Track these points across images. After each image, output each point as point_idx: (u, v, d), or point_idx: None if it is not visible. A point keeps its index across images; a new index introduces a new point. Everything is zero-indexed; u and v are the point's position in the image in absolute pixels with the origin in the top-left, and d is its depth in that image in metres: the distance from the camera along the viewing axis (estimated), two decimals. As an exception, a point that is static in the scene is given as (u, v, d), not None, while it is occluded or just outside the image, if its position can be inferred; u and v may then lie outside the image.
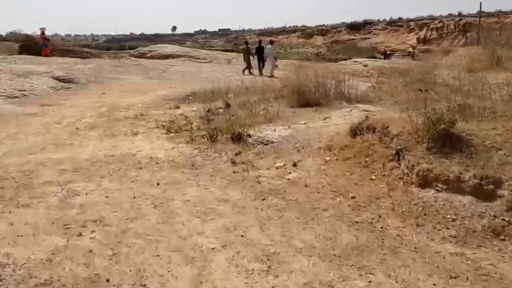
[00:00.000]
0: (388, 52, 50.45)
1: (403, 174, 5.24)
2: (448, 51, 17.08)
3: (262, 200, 5.31)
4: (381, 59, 43.71)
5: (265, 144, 7.26)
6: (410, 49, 49.50)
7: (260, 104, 11.89)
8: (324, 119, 9.09)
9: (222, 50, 46.70)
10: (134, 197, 5.37)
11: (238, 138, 8.03)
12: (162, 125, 9.86)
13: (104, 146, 8.09)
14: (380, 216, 4.75)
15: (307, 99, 11.26)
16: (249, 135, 7.95)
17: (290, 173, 6.12)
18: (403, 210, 4.78)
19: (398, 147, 5.50)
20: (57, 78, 17.78)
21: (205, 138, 8.36)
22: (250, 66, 22.53)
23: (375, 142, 6.00)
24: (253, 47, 23.96)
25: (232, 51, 51.16)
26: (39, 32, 28.41)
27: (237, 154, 7.31)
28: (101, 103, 13.47)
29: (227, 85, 16.77)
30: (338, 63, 40.53)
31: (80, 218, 4.78)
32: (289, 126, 8.16)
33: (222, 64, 25.74)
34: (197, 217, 4.80)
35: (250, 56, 22.78)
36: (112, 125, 10.01)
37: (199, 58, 26.06)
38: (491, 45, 15.77)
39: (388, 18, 78.37)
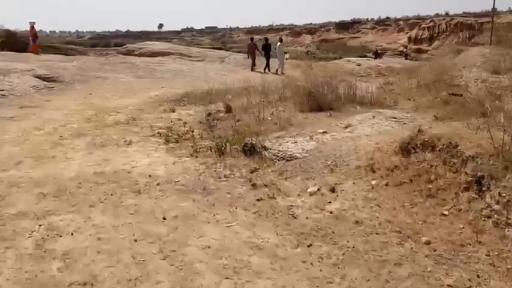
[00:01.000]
0: (379, 51, 49.64)
1: (491, 211, 4.03)
2: (458, 50, 16.00)
3: (308, 246, 4.03)
4: (371, 58, 42.84)
5: (288, 160, 6.02)
6: (401, 48, 48.71)
7: (265, 107, 10.67)
8: (345, 127, 7.89)
9: (211, 48, 45.32)
10: (135, 240, 4.06)
11: (251, 150, 6.78)
12: (158, 133, 8.56)
13: (93, 160, 6.77)
14: (478, 276, 3.47)
15: (318, 103, 10.06)
16: (265, 148, 6.70)
17: (330, 202, 4.88)
18: (509, 267, 3.54)
19: (479, 173, 4.28)
20: (40, 77, 16.24)
21: (212, 150, 7.09)
22: (254, 63, 21.85)
23: (436, 164, 4.79)
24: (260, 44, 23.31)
25: (221, 49, 49.84)
26: (24, 28, 26.17)
27: (253, 171, 6.07)
28: (88, 105, 12.09)
29: (224, 85, 15.59)
30: (330, 62, 39.61)
31: (61, 280, 3.47)
32: (311, 137, 6.94)
33: (215, 63, 24.41)
34: (226, 278, 3.50)
35: (256, 53, 22.16)
36: (101, 132, 8.67)
37: (191, 56, 24.69)
38: (507, 44, 14.72)
39: (376, 18, 77.99)
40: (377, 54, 46.90)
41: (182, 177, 5.96)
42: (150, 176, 6.01)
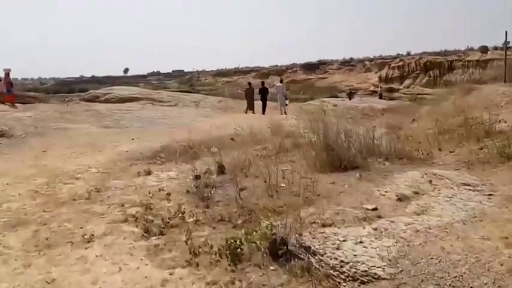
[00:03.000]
0: (352, 91, 48.64)
1: None
2: (470, 89, 14.23)
3: None
4: (344, 98, 41.75)
5: (364, 283, 3.49)
6: (372, 87, 47.87)
7: (269, 165, 8.25)
8: (399, 200, 5.51)
9: (180, 91, 42.98)
10: None
11: (286, 255, 4.24)
12: (133, 216, 5.92)
13: (29, 285, 4.06)
14: None
15: (338, 158, 7.72)
16: (311, 251, 4.15)
17: None
18: None
19: None
20: (-17, 132, 13.41)
21: (220, 255, 4.50)
22: (252, 107, 21.22)
23: None
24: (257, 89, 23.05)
25: (190, 92, 47.53)
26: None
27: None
28: (39, 168, 9.36)
29: (204, 134, 13.14)
30: (305, 103, 37.99)
31: None
32: (371, 224, 4.46)
33: (190, 107, 21.97)
34: None
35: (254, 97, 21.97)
36: (50, 217, 5.99)
37: (162, 101, 22.18)
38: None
39: (339, 59, 78.14)
40: (350, 95, 45.99)
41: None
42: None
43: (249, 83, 24.78)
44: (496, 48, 40.35)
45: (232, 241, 4.45)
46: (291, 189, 6.56)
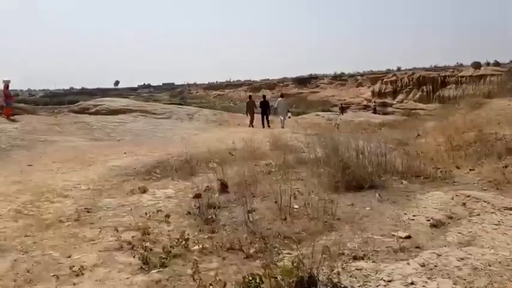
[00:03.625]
0: (343, 105, 48.32)
1: None
2: (478, 103, 13.71)
3: None
4: (336, 112, 41.49)
5: None
6: (365, 102, 47.56)
7: (273, 182, 7.55)
8: (434, 226, 4.82)
9: (171, 104, 42.17)
10: None
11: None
12: (129, 243, 5.14)
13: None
14: None
15: (354, 176, 7.04)
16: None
17: None
18: None
19: None
20: (-36, 145, 12.54)
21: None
22: (253, 119, 21.11)
23: None
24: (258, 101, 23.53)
25: (181, 104, 46.72)
26: None
27: None
28: (24, 184, 8.56)
29: (201, 147, 12.43)
30: (300, 116, 37.49)
31: None
32: (435, 267, 3.72)
33: (184, 120, 21.19)
34: None
35: (255, 110, 21.84)
36: (33, 244, 5.19)
37: (155, 113, 21.37)
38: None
39: (329, 74, 78.00)
40: (342, 109, 45.65)
41: None
42: None
43: (250, 96, 24.97)
44: (488, 64, 40.40)
45: (250, 278, 3.70)
46: (305, 211, 5.84)
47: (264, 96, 23.58)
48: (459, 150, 9.50)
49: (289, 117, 22.35)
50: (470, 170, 7.96)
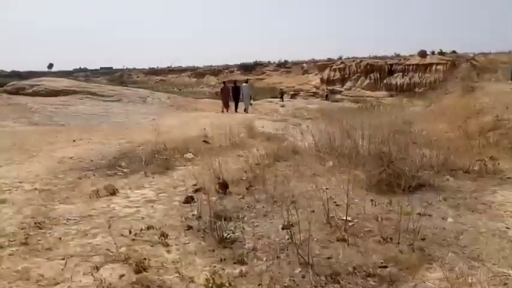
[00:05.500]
0: (292, 93, 47.14)
1: None
2: (471, 87, 12.51)
3: None
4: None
5: None
6: (314, 89, 46.68)
7: (285, 178, 5.81)
8: None
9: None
10: None
11: None
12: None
13: None
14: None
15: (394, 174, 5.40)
16: None
17: None
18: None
19: None
20: None
21: None
22: (227, 106, 20.61)
23: None
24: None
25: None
26: None
27: None
28: None
29: (166, 135, 10.40)
30: (254, 102, 35.72)
31: None
32: None
33: (137, 103, 18.63)
34: None
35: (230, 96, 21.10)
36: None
37: (103, 95, 18.59)
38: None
39: (275, 61, 76.74)
40: (282, 95, 44.47)
41: None
42: None
43: (224, 82, 24.48)
44: (433, 53, 40.72)
45: None
46: (365, 225, 4.10)
47: (235, 82, 23.09)
48: (476, 139, 8.16)
49: (251, 104, 22.04)
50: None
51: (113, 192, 5.92)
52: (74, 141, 10.13)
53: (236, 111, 20.59)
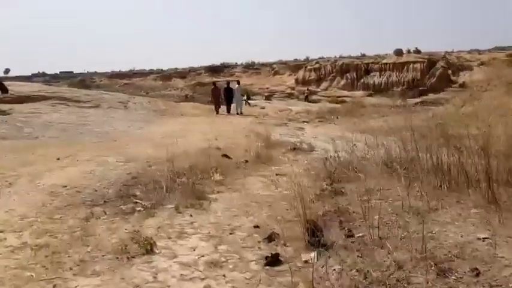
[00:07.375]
0: (266, 94, 45.34)
1: None
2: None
3: None
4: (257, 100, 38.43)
5: None
6: (289, 90, 45.08)
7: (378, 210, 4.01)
8: None
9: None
10: None
11: None
12: None
13: None
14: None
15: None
16: None
17: None
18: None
19: None
20: None
21: None
22: (219, 106, 20.18)
23: None
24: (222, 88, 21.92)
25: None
26: None
27: None
28: None
29: (174, 149, 8.28)
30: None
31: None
32: None
33: (118, 109, 16.19)
34: None
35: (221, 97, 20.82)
36: None
37: (79, 101, 16.00)
38: None
39: (242, 62, 74.98)
40: (266, 97, 42.88)
41: None
42: None
43: (214, 83, 23.97)
44: (409, 51, 39.97)
45: None
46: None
47: (228, 83, 22.81)
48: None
49: (249, 104, 23.38)
50: None
51: (150, 248, 3.89)
52: (59, 159, 7.91)
53: (229, 113, 20.12)
